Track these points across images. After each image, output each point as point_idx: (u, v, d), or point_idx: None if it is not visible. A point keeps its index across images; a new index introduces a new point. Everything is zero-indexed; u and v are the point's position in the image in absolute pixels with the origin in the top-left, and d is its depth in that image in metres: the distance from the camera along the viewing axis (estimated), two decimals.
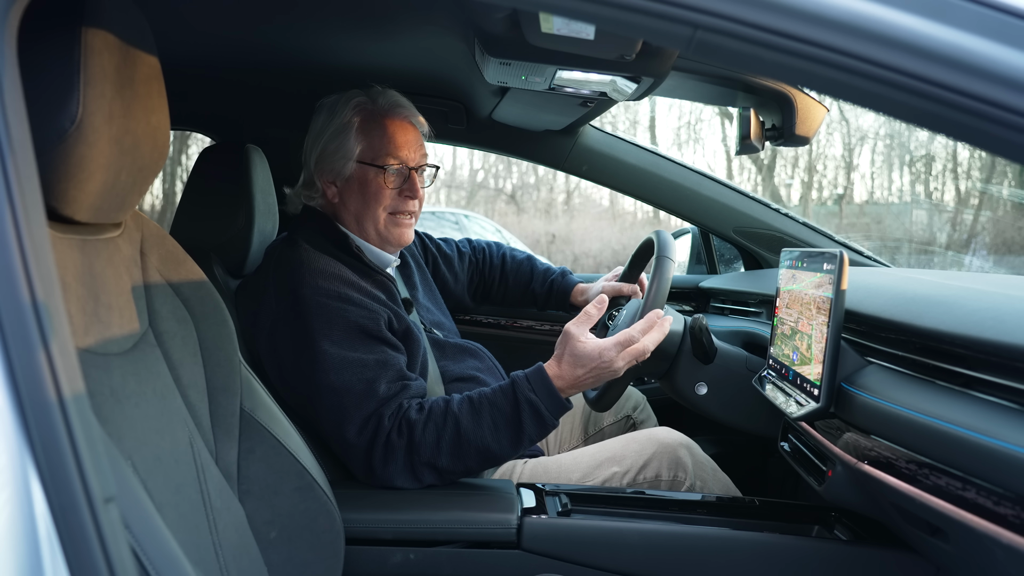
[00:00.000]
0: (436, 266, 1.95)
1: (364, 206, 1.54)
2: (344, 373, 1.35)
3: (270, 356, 1.42)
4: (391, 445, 1.33)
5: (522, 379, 1.36)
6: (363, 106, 1.54)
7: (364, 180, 1.53)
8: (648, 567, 1.31)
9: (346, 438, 1.35)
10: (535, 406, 1.33)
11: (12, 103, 0.61)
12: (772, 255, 2.15)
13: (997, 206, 13.49)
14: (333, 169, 1.54)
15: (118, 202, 0.90)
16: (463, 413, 1.34)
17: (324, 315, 1.38)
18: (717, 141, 17.86)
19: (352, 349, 1.37)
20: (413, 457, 1.34)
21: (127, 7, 0.87)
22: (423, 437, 1.33)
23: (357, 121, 1.53)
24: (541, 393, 1.34)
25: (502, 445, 1.35)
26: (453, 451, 1.34)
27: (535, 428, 1.35)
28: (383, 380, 1.36)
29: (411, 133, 1.56)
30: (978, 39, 0.64)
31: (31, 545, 0.58)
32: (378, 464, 1.34)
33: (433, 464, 1.34)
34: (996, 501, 0.84)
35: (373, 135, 1.53)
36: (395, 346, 1.43)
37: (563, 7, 0.70)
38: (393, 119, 1.55)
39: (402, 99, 1.58)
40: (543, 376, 1.35)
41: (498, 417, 1.34)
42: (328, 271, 1.44)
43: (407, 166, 1.54)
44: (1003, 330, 0.89)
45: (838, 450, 1.19)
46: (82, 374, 0.62)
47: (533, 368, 1.37)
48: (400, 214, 1.55)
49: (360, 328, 1.39)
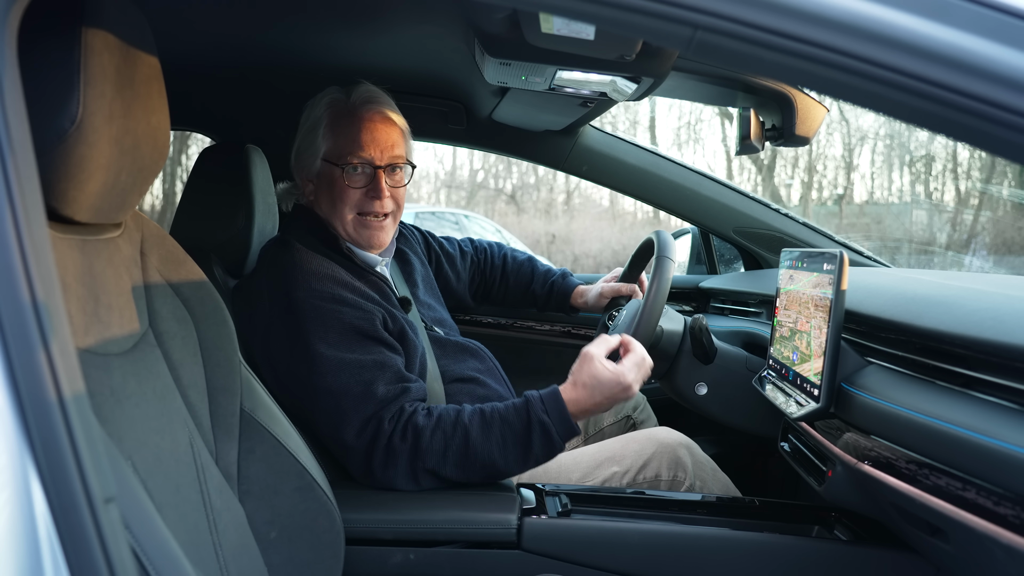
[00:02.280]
0: (439, 264, 1.95)
1: (332, 206, 1.50)
2: (341, 375, 1.34)
3: (265, 359, 1.41)
4: (393, 449, 1.32)
5: (536, 400, 1.35)
6: (335, 103, 1.50)
7: (331, 179, 1.50)
8: (648, 567, 1.31)
9: (344, 440, 1.34)
10: (547, 428, 1.32)
11: (12, 103, 0.62)
12: (772, 255, 2.15)
13: (997, 206, 13.49)
14: (306, 166, 1.53)
15: (118, 202, 0.90)
16: (473, 425, 1.33)
17: (319, 317, 1.37)
18: (717, 141, 17.89)
19: (348, 351, 1.36)
20: (417, 463, 1.33)
21: (127, 7, 0.87)
22: (430, 444, 1.32)
23: (327, 118, 1.49)
24: (554, 416, 1.33)
25: (508, 462, 1.34)
26: (459, 462, 1.33)
27: (543, 450, 1.34)
28: (381, 382, 1.35)
29: (381, 130, 1.49)
30: (978, 39, 0.64)
31: (31, 545, 0.58)
32: (378, 467, 1.34)
33: (437, 472, 1.34)
34: (996, 501, 0.84)
35: (339, 133, 1.48)
36: (392, 346, 1.42)
37: (563, 7, 0.70)
38: (365, 115, 1.49)
39: (377, 93, 1.53)
40: (558, 399, 1.34)
41: (508, 434, 1.33)
42: (322, 272, 1.42)
43: (372, 165, 1.48)
44: (1003, 330, 0.89)
45: (838, 450, 1.19)
46: (82, 374, 0.62)
47: (548, 390, 1.36)
48: (367, 215, 1.50)
49: (356, 329, 1.38)
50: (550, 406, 1.33)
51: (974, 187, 14.46)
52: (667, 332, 1.60)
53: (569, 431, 1.34)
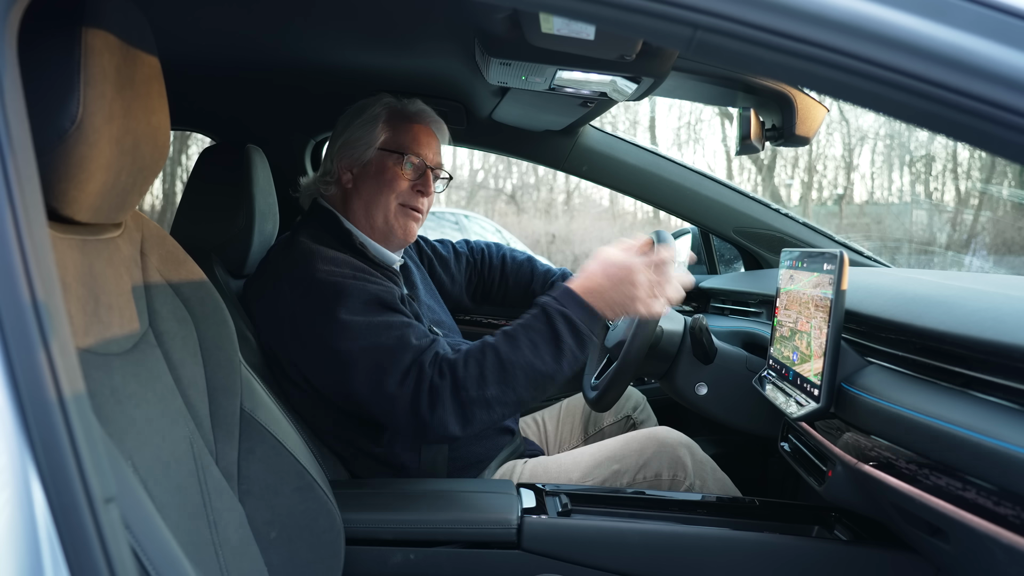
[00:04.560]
0: (432, 268, 1.95)
1: (377, 192, 1.58)
2: (373, 335, 1.37)
3: (297, 346, 1.43)
4: (435, 388, 1.33)
5: (548, 298, 1.38)
6: (392, 105, 1.62)
7: (382, 167, 1.58)
8: (648, 567, 1.31)
9: (388, 392, 1.35)
10: (567, 317, 1.35)
11: (12, 103, 0.61)
12: (772, 255, 2.15)
13: (997, 206, 13.49)
14: (353, 155, 1.60)
15: (118, 202, 0.90)
16: (500, 342, 1.36)
17: (342, 291, 1.40)
18: (717, 141, 17.88)
19: (376, 315, 1.40)
20: (460, 394, 1.33)
21: (127, 7, 0.87)
22: (466, 372, 1.33)
23: (385, 115, 1.60)
24: (570, 305, 1.36)
25: (545, 361, 1.34)
26: (499, 377, 1.33)
27: (573, 340, 1.35)
28: (412, 335, 1.38)
29: (434, 140, 1.64)
30: (978, 39, 0.64)
31: (31, 545, 0.58)
32: (426, 411, 1.33)
33: (482, 397, 1.33)
34: (996, 501, 0.84)
35: (398, 129, 1.60)
36: (415, 315, 1.47)
37: (563, 7, 0.70)
38: (421, 122, 1.63)
39: (428, 110, 1.66)
40: (568, 290, 1.38)
41: (535, 336, 1.35)
42: (337, 258, 1.47)
43: (425, 163, 1.60)
44: (1003, 330, 0.89)
45: (838, 450, 1.19)
46: (82, 374, 0.62)
47: (558, 287, 1.40)
48: (410, 208, 1.60)
49: (378, 299, 1.42)
50: (563, 299, 1.37)
51: (974, 187, 14.46)
52: (667, 332, 1.60)
53: (589, 315, 1.36)
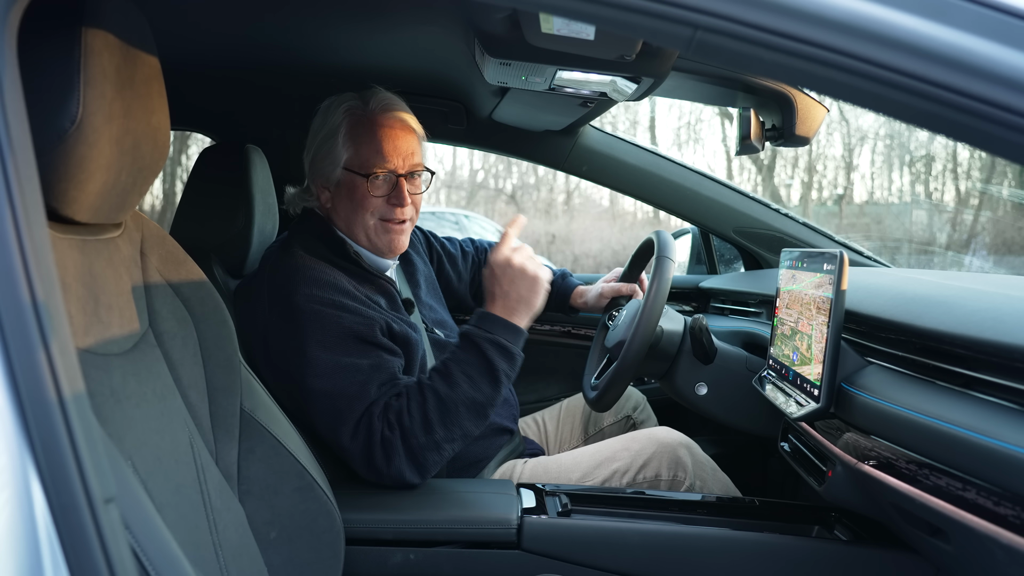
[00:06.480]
0: (440, 264, 1.95)
1: (353, 212, 1.51)
2: (337, 378, 1.35)
3: (265, 360, 1.42)
4: (387, 441, 1.33)
5: (470, 327, 1.40)
6: (353, 110, 1.50)
7: (352, 187, 1.50)
8: (648, 567, 1.31)
9: (342, 444, 1.35)
10: (494, 341, 1.37)
11: (12, 103, 0.61)
12: (772, 255, 2.15)
13: (997, 206, 13.49)
14: (323, 174, 1.52)
15: (118, 202, 0.90)
16: (436, 381, 1.36)
17: (317, 321, 1.37)
18: (717, 141, 17.88)
19: (346, 354, 1.37)
20: (410, 442, 1.33)
21: (127, 7, 0.87)
22: (411, 419, 1.33)
23: (346, 126, 1.49)
24: (493, 328, 1.38)
25: (484, 391, 1.36)
26: (442, 419, 1.34)
27: (505, 363, 1.37)
28: (374, 383, 1.36)
29: (402, 138, 1.51)
30: (978, 39, 0.64)
31: (31, 545, 0.58)
32: (381, 464, 1.34)
33: (432, 441, 1.34)
34: (996, 501, 0.84)
35: (361, 142, 1.49)
36: (391, 350, 1.43)
37: (563, 7, 0.70)
38: (384, 122, 1.50)
39: (394, 99, 1.54)
40: (486, 314, 1.40)
41: (468, 369, 1.36)
42: (323, 279, 1.42)
43: (395, 173, 1.50)
44: (1003, 330, 0.89)
45: (838, 450, 1.19)
46: (82, 374, 0.62)
47: (475, 314, 1.41)
48: (389, 221, 1.52)
49: (354, 334, 1.38)
50: (484, 323, 1.39)
51: (974, 187, 14.46)
52: (667, 332, 1.60)
53: (512, 331, 1.39)
